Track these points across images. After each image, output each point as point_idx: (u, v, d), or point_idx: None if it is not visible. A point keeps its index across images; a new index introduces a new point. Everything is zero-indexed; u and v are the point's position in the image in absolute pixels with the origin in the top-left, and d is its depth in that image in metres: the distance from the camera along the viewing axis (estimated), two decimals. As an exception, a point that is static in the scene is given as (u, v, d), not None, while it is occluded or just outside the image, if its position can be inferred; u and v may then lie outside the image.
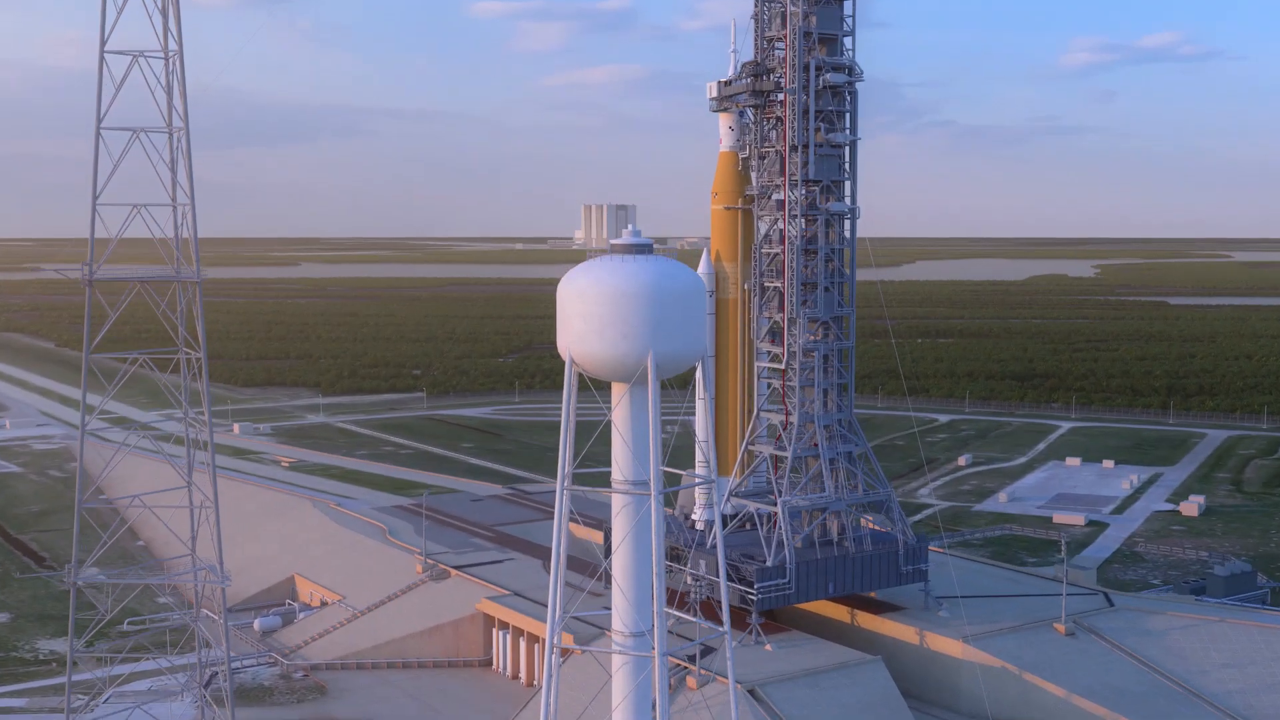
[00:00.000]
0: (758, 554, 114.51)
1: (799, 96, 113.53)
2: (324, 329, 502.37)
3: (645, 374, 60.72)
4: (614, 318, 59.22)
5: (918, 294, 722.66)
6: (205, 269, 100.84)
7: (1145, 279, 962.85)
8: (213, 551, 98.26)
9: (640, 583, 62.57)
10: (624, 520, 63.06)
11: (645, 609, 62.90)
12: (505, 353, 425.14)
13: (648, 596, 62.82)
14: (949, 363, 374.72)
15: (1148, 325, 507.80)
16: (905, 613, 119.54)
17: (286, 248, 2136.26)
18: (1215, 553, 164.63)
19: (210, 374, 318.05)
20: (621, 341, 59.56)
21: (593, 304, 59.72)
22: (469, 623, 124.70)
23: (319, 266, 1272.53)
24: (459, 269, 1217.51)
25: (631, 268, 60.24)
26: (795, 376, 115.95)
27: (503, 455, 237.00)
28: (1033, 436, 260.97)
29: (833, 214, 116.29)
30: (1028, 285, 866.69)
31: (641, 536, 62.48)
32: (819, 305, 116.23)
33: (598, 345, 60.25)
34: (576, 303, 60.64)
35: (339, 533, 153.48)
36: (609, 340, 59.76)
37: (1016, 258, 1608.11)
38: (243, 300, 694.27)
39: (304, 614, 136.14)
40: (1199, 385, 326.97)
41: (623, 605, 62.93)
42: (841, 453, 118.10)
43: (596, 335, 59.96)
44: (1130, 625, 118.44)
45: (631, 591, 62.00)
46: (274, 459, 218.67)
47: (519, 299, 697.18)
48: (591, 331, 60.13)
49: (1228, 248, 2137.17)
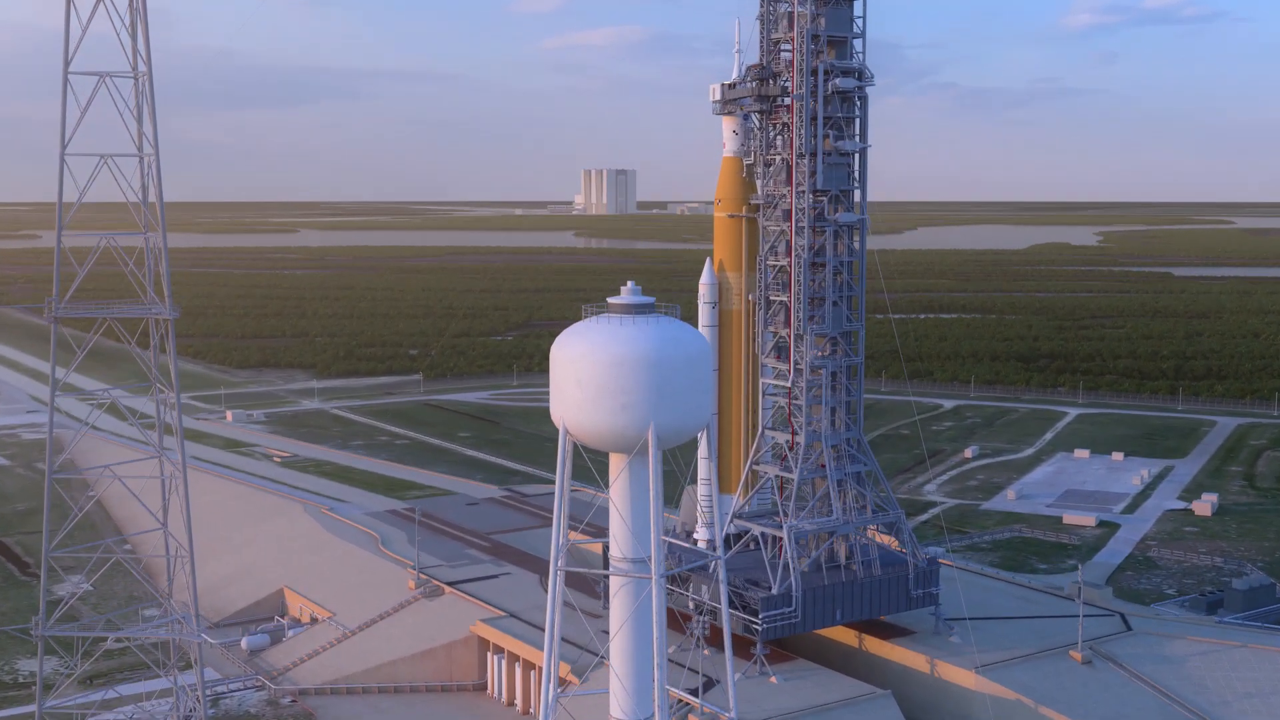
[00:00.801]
0: (762, 579, 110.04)
1: (806, 102, 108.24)
2: (321, 304, 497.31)
3: (646, 446, 55.84)
4: (612, 387, 54.48)
5: (920, 264, 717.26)
6: (206, 234, 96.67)
7: (1148, 248, 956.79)
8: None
9: (640, 671, 57.98)
10: (623, 602, 58.35)
11: (645, 698, 58.34)
12: (503, 330, 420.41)
13: (648, 685, 58.25)
14: (953, 341, 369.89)
15: (1153, 300, 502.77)
16: (915, 638, 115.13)
17: (286, 213, 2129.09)
18: (1230, 558, 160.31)
19: (205, 354, 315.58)
20: (620, 413, 54.84)
21: (588, 371, 54.89)
22: (463, 646, 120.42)
23: (317, 234, 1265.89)
24: (458, 236, 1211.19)
25: (630, 331, 55.34)
26: (803, 395, 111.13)
27: (499, 446, 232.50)
28: (1040, 424, 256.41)
29: (842, 225, 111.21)
30: (1030, 255, 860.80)
31: (642, 620, 57.85)
32: (827, 321, 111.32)
33: (594, 416, 55.48)
34: (571, 368, 55.79)
35: (330, 542, 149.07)
36: (606, 411, 55.02)
37: (1018, 224, 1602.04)
38: (240, 272, 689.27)
39: (293, 631, 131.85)
40: (1206, 368, 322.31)
41: (621, 694, 58.38)
42: (850, 473, 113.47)
43: (593, 405, 55.19)
44: (1149, 651, 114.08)
45: (631, 680, 57.44)
46: (266, 452, 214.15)
47: (518, 270, 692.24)
48: (587, 401, 55.36)
49: (1230, 213, 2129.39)
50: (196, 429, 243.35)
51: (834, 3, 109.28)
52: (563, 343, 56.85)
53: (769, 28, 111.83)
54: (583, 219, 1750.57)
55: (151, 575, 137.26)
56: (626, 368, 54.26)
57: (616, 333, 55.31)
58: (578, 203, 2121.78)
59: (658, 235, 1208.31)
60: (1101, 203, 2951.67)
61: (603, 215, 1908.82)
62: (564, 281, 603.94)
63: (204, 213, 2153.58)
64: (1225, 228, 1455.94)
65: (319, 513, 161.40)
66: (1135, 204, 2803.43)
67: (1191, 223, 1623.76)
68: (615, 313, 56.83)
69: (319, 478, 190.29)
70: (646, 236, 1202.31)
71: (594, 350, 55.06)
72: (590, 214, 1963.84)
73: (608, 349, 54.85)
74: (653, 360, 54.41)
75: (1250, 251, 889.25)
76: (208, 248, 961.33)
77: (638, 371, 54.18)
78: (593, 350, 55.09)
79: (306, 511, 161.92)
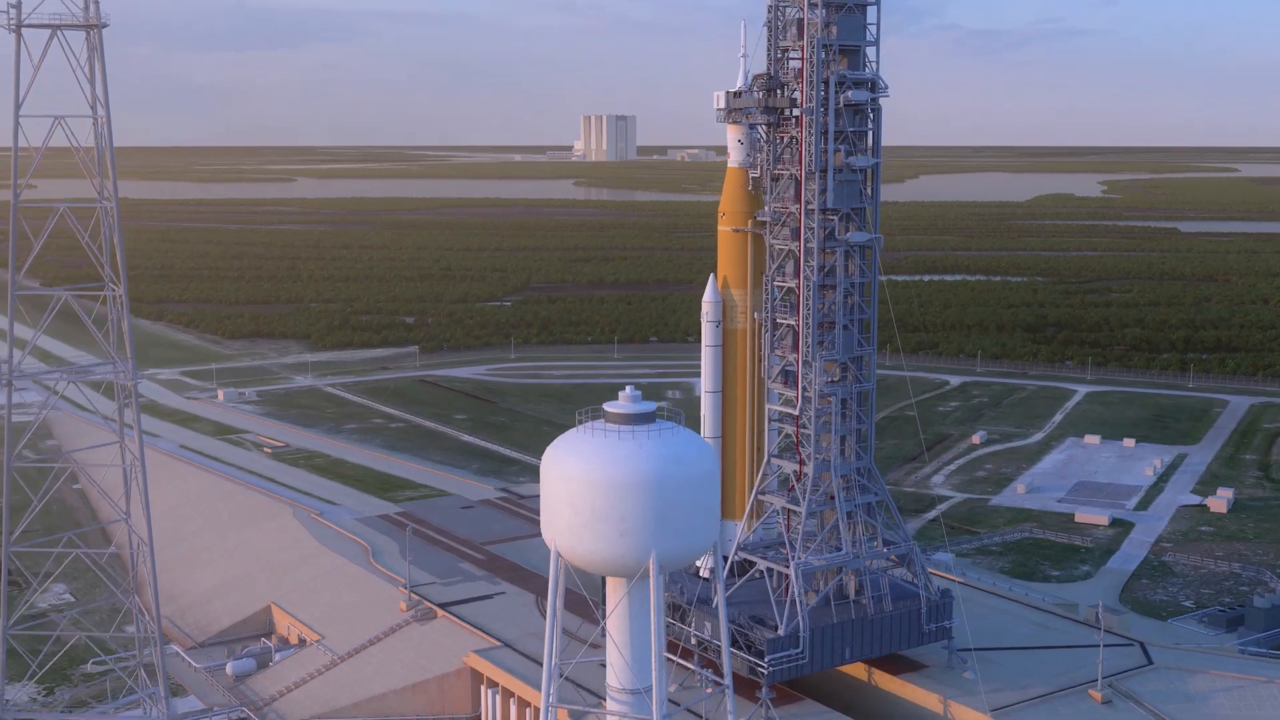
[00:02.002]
0: (767, 616, 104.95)
1: (816, 116, 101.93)
2: (316, 264, 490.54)
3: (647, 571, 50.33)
4: (609, 512, 48.94)
5: (923, 218, 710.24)
6: (203, 184, 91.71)
7: (1153, 200, 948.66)
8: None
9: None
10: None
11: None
12: (501, 295, 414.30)
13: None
14: (958, 309, 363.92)
15: (1159, 261, 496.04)
16: (927, 673, 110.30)
17: (284, 159, 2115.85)
18: (1248, 563, 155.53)
19: (197, 322, 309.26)
20: (618, 540, 49.37)
21: (583, 494, 49.27)
22: (455, 678, 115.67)
23: (313, 184, 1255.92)
24: (456, 186, 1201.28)
25: (630, 447, 49.65)
26: (811, 424, 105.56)
27: (496, 430, 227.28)
28: (1048, 404, 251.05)
29: (853, 245, 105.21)
30: (1034, 207, 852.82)
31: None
32: (838, 346, 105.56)
33: (589, 543, 49.98)
34: (564, 488, 50.14)
35: (319, 554, 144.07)
36: (603, 538, 49.56)
37: (1021, 171, 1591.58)
38: (237, 227, 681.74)
39: (280, 655, 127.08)
40: (1216, 339, 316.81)
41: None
42: (860, 504, 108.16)
43: (587, 530, 49.68)
44: (1170, 688, 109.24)
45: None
46: (257, 440, 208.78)
47: (516, 225, 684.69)
48: (581, 525, 49.85)
49: (1236, 158, 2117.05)
50: (187, 411, 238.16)
51: (846, 10, 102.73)
52: (554, 457, 51.06)
53: (776, 35, 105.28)
54: (582, 166, 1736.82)
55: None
56: (625, 491, 48.68)
57: (614, 450, 49.61)
58: (577, 149, 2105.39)
59: (657, 185, 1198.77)
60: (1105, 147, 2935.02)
61: (602, 162, 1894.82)
62: (563, 239, 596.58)
63: (201, 158, 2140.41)
64: (1231, 176, 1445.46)
65: (309, 518, 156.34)
66: (1139, 149, 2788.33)
67: (1196, 170, 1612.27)
68: (613, 422, 50.91)
69: (310, 473, 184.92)
70: (646, 186, 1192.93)
71: (588, 471, 49.35)
72: (590, 161, 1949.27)
73: (604, 469, 49.17)
74: (654, 482, 48.80)
75: (1257, 203, 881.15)
76: (204, 199, 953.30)
77: (638, 496, 48.59)
78: (587, 470, 49.37)
79: (296, 517, 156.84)
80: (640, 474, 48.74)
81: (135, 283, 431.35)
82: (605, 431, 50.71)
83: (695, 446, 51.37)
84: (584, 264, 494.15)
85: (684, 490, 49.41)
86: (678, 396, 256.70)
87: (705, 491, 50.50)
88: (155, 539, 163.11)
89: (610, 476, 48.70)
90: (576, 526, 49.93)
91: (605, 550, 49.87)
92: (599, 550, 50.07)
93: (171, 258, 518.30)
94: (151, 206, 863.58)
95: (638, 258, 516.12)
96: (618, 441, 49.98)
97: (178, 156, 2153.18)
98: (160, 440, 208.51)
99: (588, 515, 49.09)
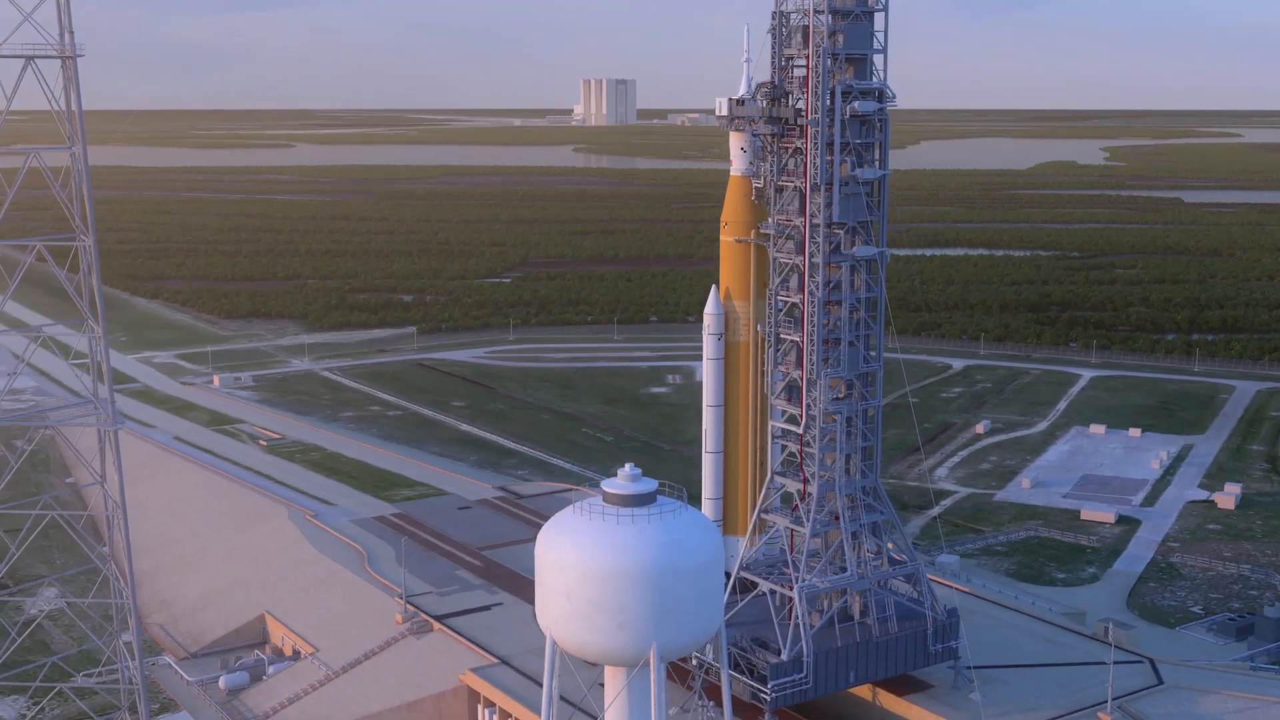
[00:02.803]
0: (770, 637, 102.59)
1: (822, 129, 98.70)
2: (314, 238, 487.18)
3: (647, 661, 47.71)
4: (607, 603, 46.19)
5: (925, 187, 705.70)
6: (201, 150, 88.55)
7: (1156, 167, 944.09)
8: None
9: None
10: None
11: None
12: (500, 270, 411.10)
13: None
14: (960, 286, 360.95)
15: (1164, 234, 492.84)
16: (932, 694, 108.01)
17: (282, 122, 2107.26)
18: (1257, 565, 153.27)
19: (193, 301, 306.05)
20: (617, 632, 46.70)
21: (579, 584, 46.52)
22: (452, 696, 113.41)
23: (312, 150, 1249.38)
24: (455, 152, 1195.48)
25: (629, 534, 46.85)
26: (815, 443, 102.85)
27: (494, 419, 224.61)
28: (1053, 389, 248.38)
29: (859, 260, 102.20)
30: (1036, 176, 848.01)
31: None
32: (843, 364, 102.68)
33: (586, 634, 47.30)
34: (559, 576, 47.40)
35: (314, 559, 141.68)
36: (600, 629, 46.89)
37: (1023, 137, 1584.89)
38: (235, 197, 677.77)
39: (274, 669, 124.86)
40: (1221, 319, 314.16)
41: None
42: (865, 524, 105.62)
43: (584, 620, 46.97)
44: (1182, 710, 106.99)
45: None
46: (252, 431, 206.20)
47: (516, 196, 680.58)
48: (578, 615, 47.16)
49: (1239, 122, 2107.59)
50: (182, 399, 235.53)
51: (853, 17, 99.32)
52: (550, 541, 48.26)
53: (780, 43, 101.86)
54: (582, 131, 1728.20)
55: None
56: (624, 582, 45.93)
57: (612, 536, 46.77)
58: (577, 113, 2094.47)
59: (658, 151, 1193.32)
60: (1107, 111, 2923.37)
61: (602, 126, 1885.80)
62: (562, 211, 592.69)
63: (199, 121, 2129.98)
64: (1234, 142, 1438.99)
65: (304, 519, 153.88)
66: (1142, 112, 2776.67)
67: (1199, 135, 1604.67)
68: (611, 503, 48.09)
69: (305, 468, 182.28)
70: (646, 152, 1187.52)
71: (585, 559, 46.58)
72: (590, 125, 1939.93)
73: (601, 558, 46.37)
74: (655, 572, 46.07)
75: (1260, 172, 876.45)
76: (202, 167, 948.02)
77: (638, 586, 45.87)
78: (583, 559, 46.61)
79: (291, 518, 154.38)
80: (640, 563, 45.99)
81: (133, 259, 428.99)
82: (603, 514, 47.84)
83: (699, 530, 48.55)
84: (584, 237, 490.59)
85: (687, 579, 46.69)
86: (678, 381, 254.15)
87: (709, 578, 47.79)
88: (149, 537, 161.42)
89: (608, 565, 45.96)
90: (573, 617, 47.23)
91: (603, 642, 47.25)
92: (596, 641, 47.45)
93: (169, 230, 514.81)
94: (150, 175, 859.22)
95: (638, 230, 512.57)
96: (616, 526, 47.15)
97: (175, 120, 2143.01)
98: (155, 432, 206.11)
99: (584, 605, 46.39)
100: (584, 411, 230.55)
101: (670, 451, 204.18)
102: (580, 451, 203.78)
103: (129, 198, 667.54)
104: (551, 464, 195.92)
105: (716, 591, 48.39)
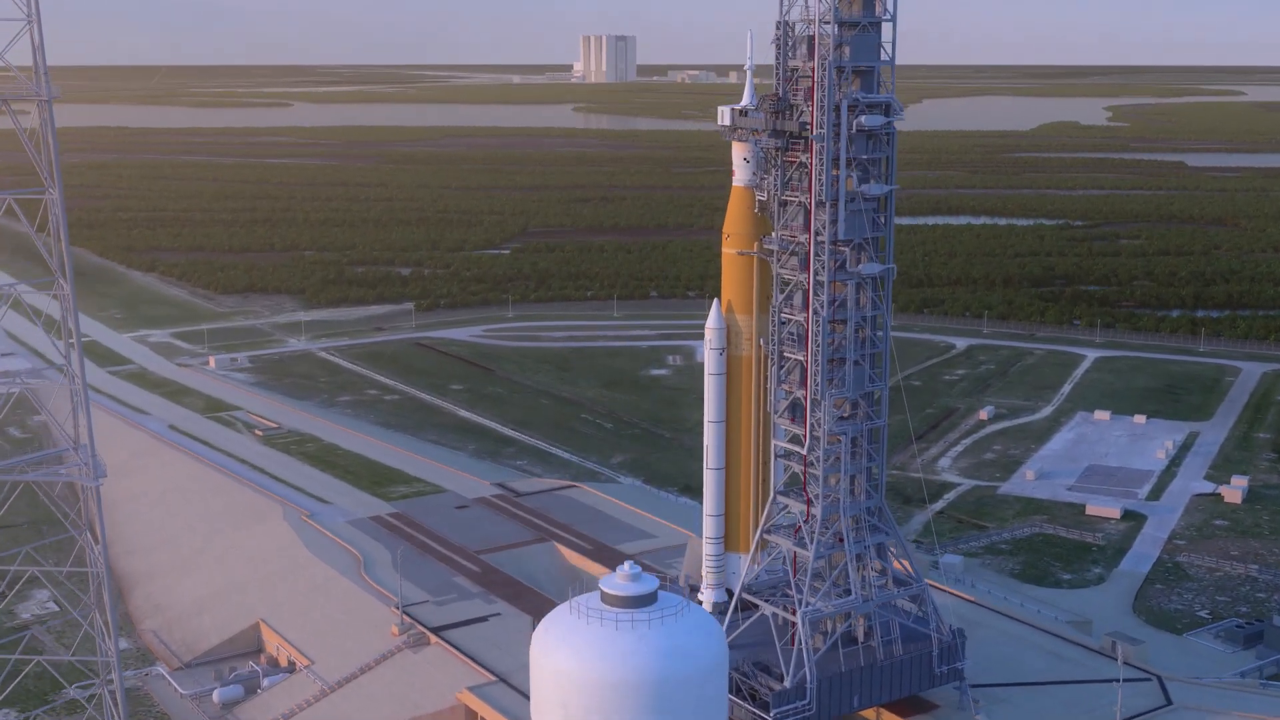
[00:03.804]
0: (771, 661, 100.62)
1: (828, 144, 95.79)
2: (311, 205, 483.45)
3: (647, 770, 45.54)
4: (607, 714, 43.77)
5: (927, 150, 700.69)
6: (198, 109, 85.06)
7: (1159, 128, 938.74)
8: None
9: None
10: None
11: None
12: (499, 241, 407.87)
13: None
14: (963, 259, 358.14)
15: (1167, 201, 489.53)
16: (938, 714, 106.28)
17: (279, 79, 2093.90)
18: (1265, 566, 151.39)
19: (189, 275, 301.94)
20: (615, 744, 44.24)
21: (575, 694, 44.19)
22: (449, 715, 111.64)
23: (311, 110, 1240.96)
24: (454, 112, 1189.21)
25: (629, 640, 44.57)
26: (820, 464, 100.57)
27: (493, 404, 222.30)
28: (1057, 372, 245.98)
29: (865, 277, 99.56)
30: (1039, 137, 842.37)
31: None
32: (848, 383, 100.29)
33: (583, 745, 44.86)
34: (554, 685, 45.12)
35: (309, 563, 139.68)
36: (598, 742, 44.39)
37: (1024, 95, 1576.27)
38: (232, 161, 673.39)
39: (269, 681, 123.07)
40: (1227, 294, 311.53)
41: None
42: (870, 545, 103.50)
43: (582, 731, 44.53)
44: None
45: None
46: (247, 420, 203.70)
47: (515, 159, 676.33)
48: (575, 726, 44.69)
49: (1241, 79, 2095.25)
50: (177, 382, 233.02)
51: (860, 29, 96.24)
52: (545, 645, 45.97)
53: (785, 54, 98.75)
54: (582, 90, 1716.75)
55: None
56: (624, 691, 43.63)
57: (611, 644, 44.54)
58: (576, 70, 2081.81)
59: (658, 110, 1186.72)
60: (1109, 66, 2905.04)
61: (602, 84, 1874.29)
62: (562, 176, 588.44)
63: (196, 78, 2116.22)
64: (1237, 100, 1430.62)
65: (299, 520, 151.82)
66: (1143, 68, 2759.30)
67: (1202, 94, 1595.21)
68: (610, 604, 45.73)
69: (301, 462, 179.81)
70: (646, 112, 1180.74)
71: (582, 669, 44.33)
72: (589, 82, 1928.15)
73: (599, 668, 44.16)
74: (655, 682, 43.81)
75: (1264, 133, 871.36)
76: (198, 128, 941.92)
77: (638, 697, 43.58)
78: (581, 669, 44.36)
79: (286, 519, 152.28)
80: (640, 673, 43.87)
81: (128, 229, 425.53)
82: (602, 618, 45.49)
83: (702, 633, 46.40)
84: (583, 204, 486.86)
85: (689, 688, 44.62)
86: (678, 362, 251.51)
87: (713, 683, 45.76)
88: (143, 535, 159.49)
89: (606, 677, 43.73)
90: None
91: (600, 754, 44.94)
92: (593, 753, 45.14)
93: (164, 198, 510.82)
94: (147, 136, 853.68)
95: (638, 198, 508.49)
96: (615, 633, 44.82)
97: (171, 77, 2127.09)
98: (149, 420, 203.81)
99: (580, 715, 44.07)
100: (583, 396, 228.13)
101: (671, 440, 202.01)
102: (579, 440, 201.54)
103: (127, 161, 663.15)
104: (550, 454, 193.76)
105: (721, 698, 46.25)
